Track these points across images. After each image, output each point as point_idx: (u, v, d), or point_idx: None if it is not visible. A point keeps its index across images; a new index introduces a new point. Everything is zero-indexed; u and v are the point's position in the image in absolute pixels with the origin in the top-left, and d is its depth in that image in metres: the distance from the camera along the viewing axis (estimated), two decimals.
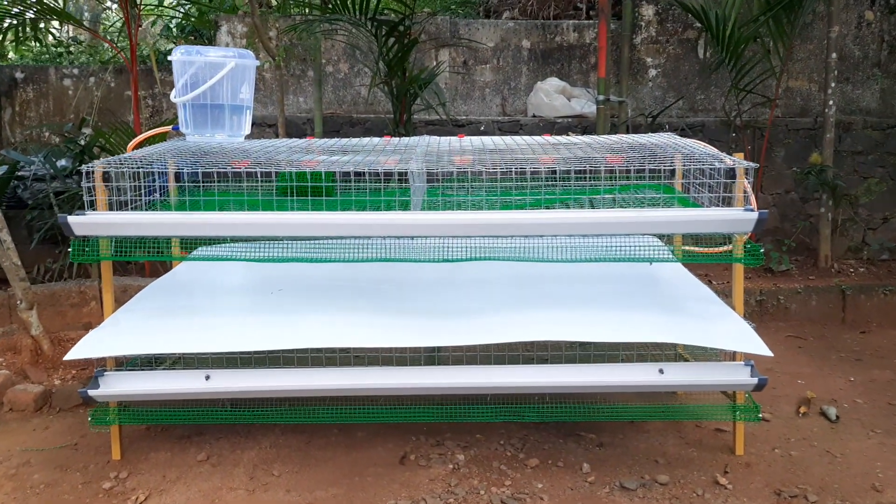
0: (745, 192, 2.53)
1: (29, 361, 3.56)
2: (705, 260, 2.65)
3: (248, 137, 3.42)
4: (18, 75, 5.85)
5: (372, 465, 2.72)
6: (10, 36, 4.95)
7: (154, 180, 2.91)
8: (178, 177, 3.27)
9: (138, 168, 2.63)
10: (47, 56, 7.33)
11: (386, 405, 2.72)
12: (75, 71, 5.87)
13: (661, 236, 2.91)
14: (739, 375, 2.53)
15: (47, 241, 4.90)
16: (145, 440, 2.90)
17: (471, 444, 2.84)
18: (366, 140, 3.41)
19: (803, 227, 5.24)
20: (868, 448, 2.85)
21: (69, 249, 2.60)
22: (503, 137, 3.43)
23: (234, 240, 2.90)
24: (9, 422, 3.15)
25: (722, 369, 2.55)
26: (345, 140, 3.42)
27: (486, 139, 3.44)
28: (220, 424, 2.92)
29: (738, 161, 2.60)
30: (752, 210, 2.46)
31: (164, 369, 2.69)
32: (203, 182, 3.04)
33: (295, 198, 2.71)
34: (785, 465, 2.71)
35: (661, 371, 2.56)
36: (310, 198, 2.57)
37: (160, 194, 3.03)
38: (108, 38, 6.56)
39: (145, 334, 2.54)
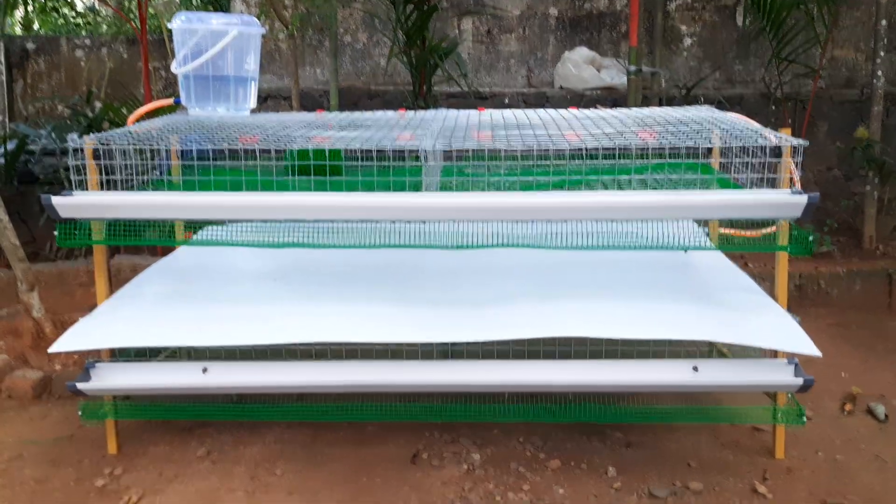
0: (792, 173, 2.28)
1: (30, 345, 3.43)
2: (745, 248, 2.41)
3: (258, 111, 3.23)
4: (30, 46, 5.69)
5: (381, 465, 2.53)
6: (35, 6, 4.81)
7: (152, 158, 2.72)
8: (179, 154, 3.08)
9: (132, 145, 2.44)
10: (65, 27, 7.20)
11: (396, 402, 2.53)
12: (87, 42, 5.71)
13: (697, 221, 2.67)
14: (782, 375, 2.30)
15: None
16: (145, 432, 2.75)
17: (487, 442, 2.65)
18: (379, 114, 3.20)
19: (847, 206, 4.94)
20: None
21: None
22: (526, 111, 3.20)
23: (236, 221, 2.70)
24: (6, 410, 3.02)
25: (762, 368, 2.32)
26: (357, 114, 3.21)
27: (508, 113, 3.20)
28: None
29: (784, 137, 2.35)
30: (800, 193, 2.21)
31: (159, 360, 2.52)
32: (205, 159, 2.84)
33: (300, 177, 2.51)
34: (829, 472, 2.48)
35: (695, 369, 2.34)
36: (314, 178, 2.36)
37: (160, 172, 2.85)
38: (120, 6, 6.38)
39: (138, 324, 2.36)
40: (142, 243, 2.59)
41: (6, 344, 3.42)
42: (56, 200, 2.27)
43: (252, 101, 3.16)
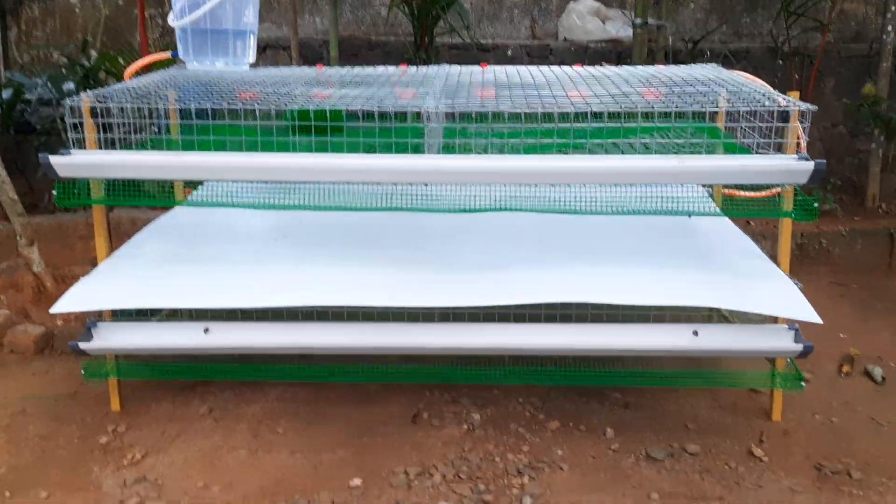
0: (799, 138, 2.25)
1: (31, 300, 3.43)
2: (749, 214, 2.39)
3: (257, 63, 3.17)
4: None
5: (383, 424, 2.56)
6: None
7: (150, 115, 2.68)
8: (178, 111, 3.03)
9: (129, 103, 2.41)
10: None
11: (397, 364, 2.54)
12: None
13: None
14: (782, 341, 2.31)
15: None
16: (147, 389, 2.76)
17: (487, 402, 2.67)
18: (381, 69, 3.15)
19: (851, 164, 4.90)
20: None
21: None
22: (529, 68, 3.15)
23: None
24: (9, 364, 3.03)
25: (763, 333, 2.33)
26: (358, 69, 3.16)
27: (511, 69, 3.16)
28: None
29: (792, 101, 2.31)
30: (807, 159, 2.19)
31: (160, 320, 2.52)
32: (204, 117, 2.80)
33: (300, 136, 2.47)
34: (826, 435, 2.51)
35: (695, 333, 2.34)
36: (315, 137, 2.32)
37: (158, 130, 2.81)
38: None
39: (139, 285, 2.36)
40: (142, 203, 2.57)
41: (7, 298, 3.42)
42: (54, 160, 2.25)
43: (251, 55, 3.10)
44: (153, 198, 2.50)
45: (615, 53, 5.00)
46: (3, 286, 3.51)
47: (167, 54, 3.07)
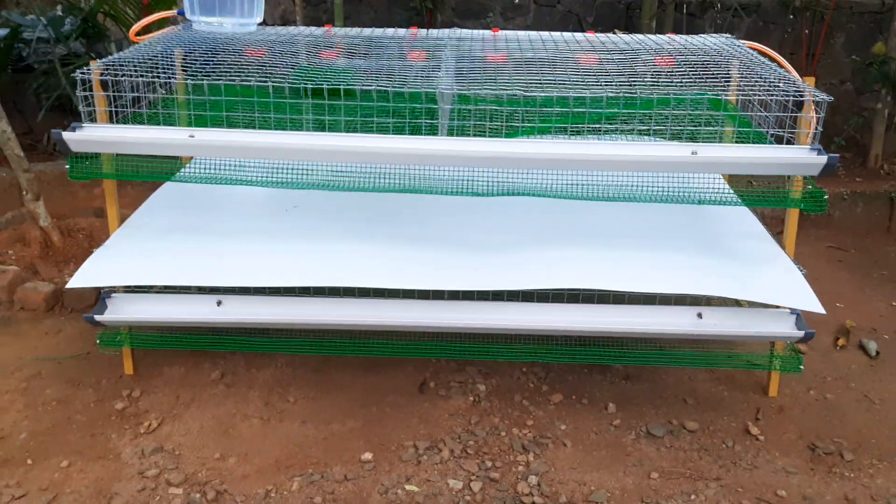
0: (812, 129, 2.26)
1: (38, 255, 3.45)
2: (758, 203, 2.41)
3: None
4: None
5: (391, 393, 2.63)
6: None
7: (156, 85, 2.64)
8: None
9: (139, 76, 2.38)
10: None
11: (404, 340, 2.59)
12: None
13: None
14: (784, 327, 2.36)
15: (56, 108, 4.70)
16: (160, 352, 2.81)
17: (492, 372, 2.73)
18: (391, 32, 3.10)
19: (857, 123, 4.87)
20: None
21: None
22: (541, 34, 3.11)
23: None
24: (20, 322, 3.08)
25: (765, 318, 2.38)
26: (368, 31, 3.11)
27: (523, 34, 3.12)
28: None
29: (808, 89, 2.31)
30: (819, 150, 2.20)
31: (173, 292, 2.55)
32: (213, 76, 2.76)
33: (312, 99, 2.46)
34: (820, 412, 2.59)
35: (699, 316, 2.40)
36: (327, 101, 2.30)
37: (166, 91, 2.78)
38: None
39: (152, 260, 2.38)
40: (154, 179, 2.56)
41: (15, 254, 3.44)
42: (67, 136, 2.24)
43: (259, 14, 3.04)
44: (165, 175, 2.49)
45: (624, 4, 4.91)
46: (10, 240, 3.53)
47: (173, 12, 3.02)
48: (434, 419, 2.50)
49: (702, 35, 3.06)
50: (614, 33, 3.10)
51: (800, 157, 2.16)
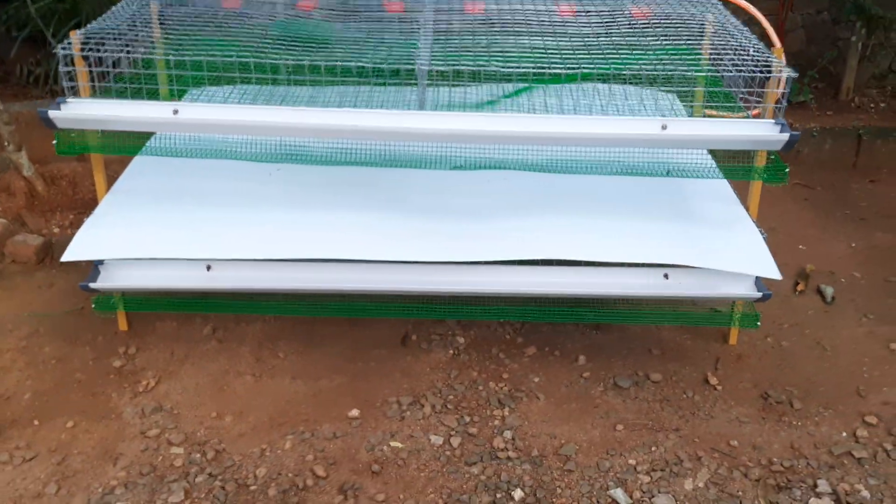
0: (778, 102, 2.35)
1: (24, 205, 3.51)
2: (720, 176, 2.51)
3: None
4: None
5: (375, 347, 2.78)
6: None
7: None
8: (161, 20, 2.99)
9: (119, 49, 2.40)
10: None
11: (385, 302, 2.72)
12: None
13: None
14: (744, 288, 2.52)
15: (29, 39, 4.64)
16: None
17: (471, 324, 2.89)
18: None
19: (831, 57, 4.93)
20: (858, 338, 2.91)
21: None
22: None
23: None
24: (13, 276, 3.17)
25: (726, 280, 2.52)
26: None
27: None
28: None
29: (775, 63, 2.38)
30: (783, 126, 2.29)
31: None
32: (190, 29, 2.77)
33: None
34: (774, 360, 2.78)
35: (665, 276, 2.55)
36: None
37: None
38: None
39: (143, 231, 2.47)
40: (141, 153, 2.61)
41: (1, 205, 3.49)
42: (53, 113, 2.28)
43: None
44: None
45: None
46: None
47: None
48: (416, 373, 2.66)
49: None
50: None
51: (764, 135, 2.26)
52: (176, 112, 2.32)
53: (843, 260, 3.47)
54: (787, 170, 2.41)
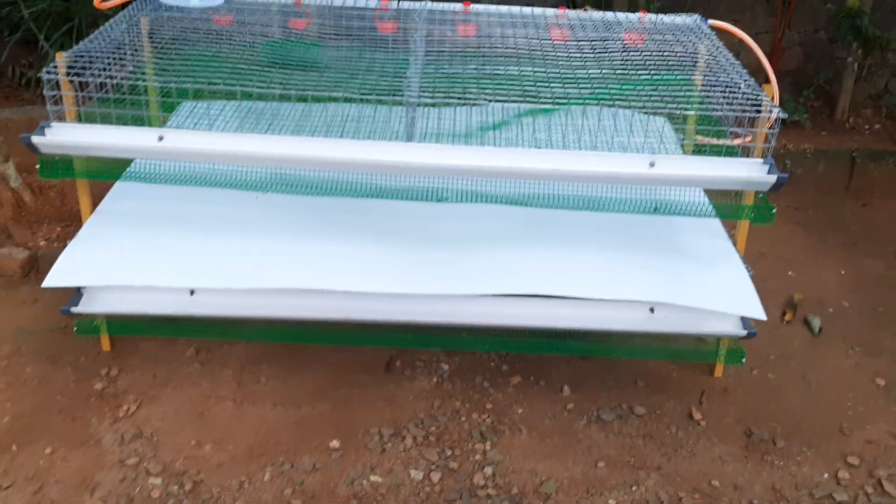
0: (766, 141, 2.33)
1: (11, 216, 3.49)
2: (710, 215, 2.50)
3: None
4: None
5: (358, 373, 2.77)
6: None
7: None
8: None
9: (105, 71, 2.38)
10: None
11: (369, 331, 2.71)
12: None
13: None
14: (729, 325, 2.51)
15: (22, 41, 4.61)
16: None
17: (456, 351, 2.87)
18: (361, 2, 3.08)
19: (826, 76, 4.91)
20: (844, 372, 2.91)
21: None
22: (511, 9, 3.10)
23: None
24: None
25: (712, 317, 2.51)
26: (339, 1, 3.08)
27: (493, 9, 3.11)
28: None
29: (766, 103, 2.36)
30: (771, 167, 2.27)
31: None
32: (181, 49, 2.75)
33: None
34: (760, 394, 2.77)
35: (651, 310, 2.54)
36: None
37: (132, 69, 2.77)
38: None
39: (127, 256, 2.45)
40: (127, 179, 2.59)
41: None
42: (36, 139, 2.26)
43: None
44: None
45: None
46: None
47: None
48: (399, 401, 2.65)
49: (671, 15, 3.06)
50: (584, 10, 3.10)
51: (752, 176, 2.24)
52: (161, 139, 2.29)
53: (832, 288, 3.46)
54: (773, 210, 2.39)
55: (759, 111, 2.33)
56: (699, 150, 3.02)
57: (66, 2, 4.45)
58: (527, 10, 3.09)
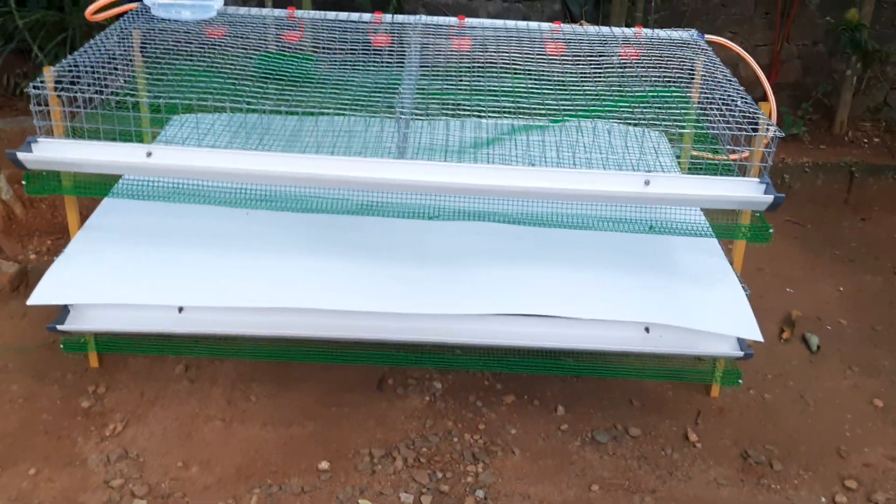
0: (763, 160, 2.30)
1: (1, 229, 3.45)
2: (706, 234, 2.47)
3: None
4: None
5: (350, 391, 2.73)
6: None
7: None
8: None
9: (93, 86, 2.35)
10: None
11: (362, 350, 2.68)
12: None
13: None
14: (725, 347, 2.47)
15: (16, 50, 4.58)
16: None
17: (449, 368, 2.83)
18: (355, 16, 3.05)
19: (825, 89, 4.89)
20: (842, 392, 2.87)
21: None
22: (506, 23, 3.07)
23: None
24: None
25: (708, 338, 2.47)
26: (332, 14, 3.06)
27: (488, 22, 3.09)
28: None
29: (761, 116, 2.33)
30: (767, 186, 2.24)
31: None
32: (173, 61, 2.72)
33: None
34: (757, 415, 2.73)
35: (646, 330, 2.50)
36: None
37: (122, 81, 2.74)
38: None
39: (114, 273, 2.42)
40: (116, 196, 2.55)
41: None
42: (22, 156, 2.23)
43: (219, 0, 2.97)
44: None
45: None
46: None
47: None
48: (390, 421, 2.61)
49: (667, 30, 3.04)
50: (580, 24, 3.07)
51: (749, 196, 2.21)
52: (149, 155, 2.26)
53: (830, 305, 3.42)
54: (770, 230, 2.36)
55: (755, 129, 2.29)
56: (695, 165, 3.01)
57: (60, 12, 4.43)
58: (522, 24, 3.06)
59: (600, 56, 2.87)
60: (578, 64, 2.79)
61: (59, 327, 2.44)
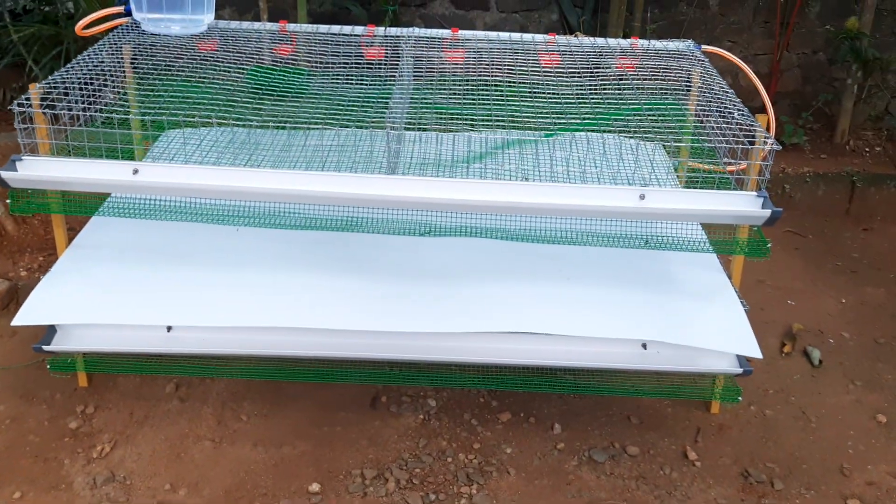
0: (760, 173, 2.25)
1: None
2: (702, 250, 2.42)
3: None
4: None
5: (342, 410, 2.68)
6: None
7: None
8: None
9: (80, 103, 2.31)
10: None
11: (354, 368, 2.64)
12: None
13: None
14: (724, 364, 2.42)
15: (12, 64, 4.57)
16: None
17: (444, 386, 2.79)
18: (347, 29, 3.02)
19: (825, 98, 4.84)
20: (845, 408, 2.82)
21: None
22: (500, 34, 3.03)
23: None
24: None
25: (706, 355, 2.43)
26: (325, 28, 3.02)
27: (481, 34, 3.05)
28: None
29: (758, 129, 2.29)
30: (765, 201, 2.19)
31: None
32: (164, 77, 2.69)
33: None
34: (757, 432, 2.68)
35: (643, 346, 2.45)
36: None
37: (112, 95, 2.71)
38: None
39: (102, 292, 2.38)
40: (103, 214, 2.52)
41: None
42: (6, 175, 2.19)
43: (210, 13, 2.94)
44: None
45: None
46: None
47: (120, 9, 2.90)
48: (383, 440, 2.56)
49: (663, 41, 3.00)
50: (576, 36, 3.03)
51: (746, 211, 2.16)
52: (136, 172, 2.22)
53: (832, 317, 3.37)
54: (769, 245, 2.31)
55: (752, 142, 2.25)
56: (692, 177, 2.97)
57: (55, 25, 4.41)
58: (516, 35, 3.02)
59: (596, 68, 2.83)
60: (573, 76, 2.76)
61: (46, 347, 2.40)
